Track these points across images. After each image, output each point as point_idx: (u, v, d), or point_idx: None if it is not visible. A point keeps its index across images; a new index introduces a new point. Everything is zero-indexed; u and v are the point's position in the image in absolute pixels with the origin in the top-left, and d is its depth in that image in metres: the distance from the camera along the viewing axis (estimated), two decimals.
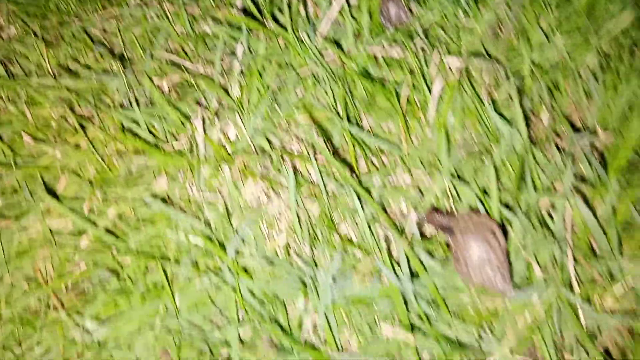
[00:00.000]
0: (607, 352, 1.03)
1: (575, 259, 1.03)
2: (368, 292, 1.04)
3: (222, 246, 1.08)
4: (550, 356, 0.99)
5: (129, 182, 1.19)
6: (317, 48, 1.25)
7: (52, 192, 1.17)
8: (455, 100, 1.13)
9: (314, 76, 1.25)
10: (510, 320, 1.02)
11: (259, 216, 1.14)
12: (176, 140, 1.23)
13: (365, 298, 1.04)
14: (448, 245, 1.05)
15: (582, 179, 1.11)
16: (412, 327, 0.99)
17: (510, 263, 1.02)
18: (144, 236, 1.13)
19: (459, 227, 1.01)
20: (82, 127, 1.24)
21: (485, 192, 1.05)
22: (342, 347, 1.05)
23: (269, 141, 1.18)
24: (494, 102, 1.16)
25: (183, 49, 1.34)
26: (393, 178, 1.18)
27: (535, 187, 1.05)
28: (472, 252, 0.97)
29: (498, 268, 0.98)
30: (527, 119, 1.16)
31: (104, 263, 1.12)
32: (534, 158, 1.06)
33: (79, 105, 1.28)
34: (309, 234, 1.09)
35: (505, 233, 1.02)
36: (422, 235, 1.09)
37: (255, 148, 1.17)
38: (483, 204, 1.05)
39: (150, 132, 1.23)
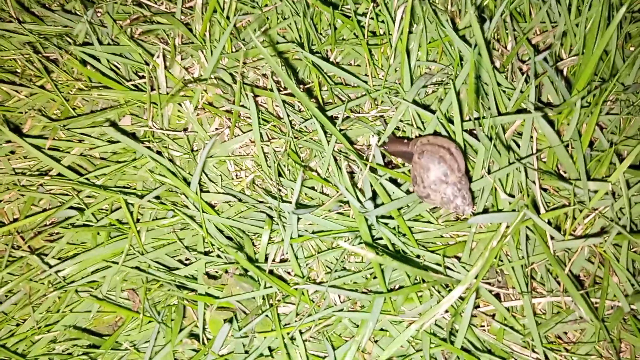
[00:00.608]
0: (578, 279, 1.02)
1: (542, 185, 1.01)
2: (334, 224, 1.02)
3: (188, 183, 1.04)
4: (519, 285, 0.97)
5: (93, 120, 1.15)
6: None
7: (17, 133, 1.14)
8: (420, 31, 1.10)
9: (277, 11, 1.22)
10: (478, 249, 1.00)
11: (224, 151, 1.11)
12: (139, 77, 1.20)
13: (331, 230, 1.02)
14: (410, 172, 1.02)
15: (548, 103, 1.09)
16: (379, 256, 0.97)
17: (471, 183, 0.99)
18: (108, 174, 1.10)
19: (416, 150, 0.98)
20: (47, 69, 1.20)
21: (450, 119, 1.03)
22: (310, 278, 1.03)
23: (233, 77, 1.15)
24: (457, 29, 1.14)
25: None
26: (358, 110, 1.16)
27: (499, 112, 1.03)
28: (429, 173, 0.94)
29: (457, 188, 0.94)
30: (491, 44, 1.13)
31: (69, 201, 1.09)
32: (498, 84, 1.03)
33: (44, 49, 1.25)
34: (275, 169, 1.07)
35: (464, 154, 0.99)
36: (387, 164, 1.06)
37: (218, 84, 1.14)
38: (447, 131, 1.02)
39: (114, 70, 1.19)
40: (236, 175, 1.12)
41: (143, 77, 1.19)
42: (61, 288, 1.04)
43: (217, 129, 1.14)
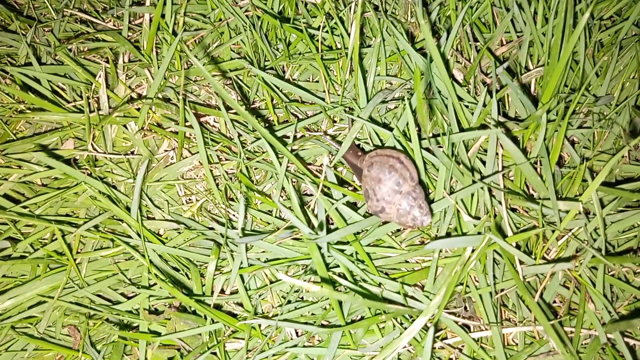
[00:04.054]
0: (552, 306, 0.91)
1: (510, 206, 0.90)
2: (289, 252, 0.92)
3: (130, 210, 0.94)
4: (487, 314, 0.86)
5: (33, 145, 1.05)
6: None
7: None
8: (378, 45, 1.00)
9: (229, 26, 1.12)
10: (443, 275, 0.89)
11: (172, 175, 1.01)
12: (82, 98, 1.09)
13: (286, 258, 0.92)
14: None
15: (514, 118, 0.99)
16: (336, 286, 0.87)
17: (426, 194, 0.90)
18: (47, 202, 1.00)
19: (365, 164, 0.88)
20: None
21: (410, 137, 0.92)
22: (262, 311, 0.93)
23: (179, 95, 1.04)
24: (415, 42, 1.04)
25: (94, 8, 1.20)
26: (317, 128, 1.06)
27: (462, 128, 0.92)
28: (381, 184, 0.84)
29: (412, 197, 0.84)
30: (453, 57, 1.04)
31: (6, 232, 0.98)
32: (460, 98, 0.93)
33: None
34: (224, 192, 0.97)
35: (416, 164, 0.88)
36: (342, 184, 0.96)
37: (161, 103, 1.03)
38: (405, 148, 0.92)
39: (56, 91, 1.09)
40: (187, 200, 1.02)
41: (88, 97, 1.08)
42: None
43: (166, 150, 1.04)
